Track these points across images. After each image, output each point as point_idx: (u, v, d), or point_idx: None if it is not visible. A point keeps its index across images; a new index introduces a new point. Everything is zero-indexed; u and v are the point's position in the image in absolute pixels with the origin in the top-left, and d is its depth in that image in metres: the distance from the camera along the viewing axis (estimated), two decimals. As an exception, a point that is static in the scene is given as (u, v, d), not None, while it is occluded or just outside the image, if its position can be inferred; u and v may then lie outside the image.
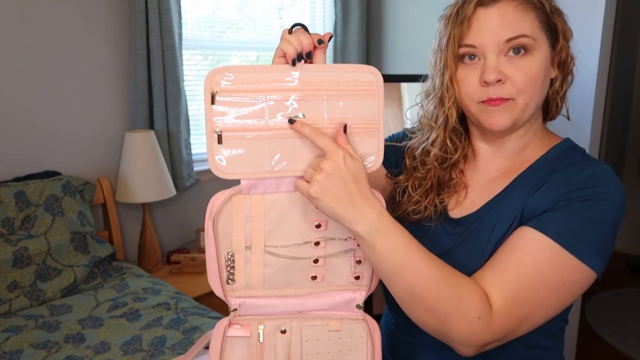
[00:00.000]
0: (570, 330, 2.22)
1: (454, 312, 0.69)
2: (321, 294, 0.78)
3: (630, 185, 3.79)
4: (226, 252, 0.74)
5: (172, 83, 2.16)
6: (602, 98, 2.05)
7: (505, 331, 0.71)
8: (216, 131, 0.69)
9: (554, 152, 0.84)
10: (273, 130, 0.70)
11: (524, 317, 0.72)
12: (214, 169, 0.70)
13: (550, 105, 0.86)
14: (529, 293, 0.71)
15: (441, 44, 0.83)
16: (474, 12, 0.79)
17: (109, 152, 2.18)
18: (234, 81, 0.69)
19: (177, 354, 1.40)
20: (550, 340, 0.85)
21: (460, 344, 0.71)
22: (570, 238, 0.72)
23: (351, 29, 2.76)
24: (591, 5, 1.92)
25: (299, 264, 0.76)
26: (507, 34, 0.77)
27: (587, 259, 0.72)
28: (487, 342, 0.71)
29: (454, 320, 0.69)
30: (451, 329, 0.70)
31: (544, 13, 0.79)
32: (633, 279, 3.45)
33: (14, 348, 1.42)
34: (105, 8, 2.08)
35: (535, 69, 0.78)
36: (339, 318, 0.79)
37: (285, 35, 0.70)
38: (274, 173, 0.71)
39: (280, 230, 0.74)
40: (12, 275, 1.68)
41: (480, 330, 0.70)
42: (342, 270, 0.78)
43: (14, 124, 1.95)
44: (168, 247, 2.39)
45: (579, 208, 0.74)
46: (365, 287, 0.80)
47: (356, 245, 0.77)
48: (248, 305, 0.77)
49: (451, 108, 0.84)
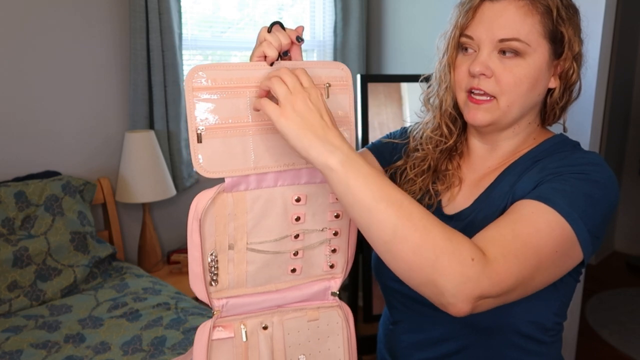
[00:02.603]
0: (570, 330, 2.22)
1: (445, 250, 0.62)
2: (299, 286, 0.80)
3: (630, 185, 3.79)
4: (209, 253, 0.73)
5: (172, 83, 2.16)
6: (602, 98, 2.05)
7: (502, 283, 0.64)
8: (197, 131, 0.68)
9: (545, 145, 0.85)
10: (254, 126, 0.71)
11: (522, 274, 0.66)
12: (198, 168, 0.70)
13: (547, 113, 0.86)
14: (526, 249, 0.67)
15: (447, 30, 0.85)
16: (480, 3, 0.80)
17: (109, 152, 2.18)
18: (214, 79, 0.69)
19: (177, 354, 1.41)
20: (546, 336, 0.85)
21: (452, 295, 0.62)
22: (561, 202, 0.70)
23: (351, 29, 2.76)
24: (591, 5, 1.92)
25: (280, 258, 0.77)
26: (501, 34, 0.78)
27: (577, 227, 0.70)
28: (483, 294, 0.63)
29: (446, 260, 0.62)
30: (442, 272, 0.62)
31: (550, 20, 0.78)
32: (633, 279, 3.45)
33: (14, 348, 1.42)
34: (105, 8, 2.08)
35: (522, 74, 0.78)
36: (316, 307, 0.81)
37: (266, 36, 0.71)
38: (258, 169, 0.71)
39: (262, 226, 0.75)
40: (12, 275, 1.68)
41: (475, 274, 0.62)
42: (318, 261, 0.80)
43: (14, 123, 1.95)
44: (168, 247, 2.40)
45: (569, 179, 0.73)
46: (339, 275, 0.82)
47: (332, 235, 0.79)
48: (230, 305, 0.77)
49: (446, 93, 0.87)
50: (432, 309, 0.85)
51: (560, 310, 0.84)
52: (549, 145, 0.85)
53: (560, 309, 0.84)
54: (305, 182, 0.75)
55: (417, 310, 0.88)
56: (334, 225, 0.79)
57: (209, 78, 0.69)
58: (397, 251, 0.63)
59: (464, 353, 0.85)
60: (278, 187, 0.74)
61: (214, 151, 0.69)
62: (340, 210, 0.78)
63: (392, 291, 0.92)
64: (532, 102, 0.82)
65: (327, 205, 0.77)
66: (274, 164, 0.72)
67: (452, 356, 0.86)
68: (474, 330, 0.83)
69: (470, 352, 0.85)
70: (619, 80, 3.50)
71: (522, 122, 0.85)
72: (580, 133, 2.03)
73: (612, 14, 1.99)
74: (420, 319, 0.89)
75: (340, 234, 0.79)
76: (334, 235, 0.79)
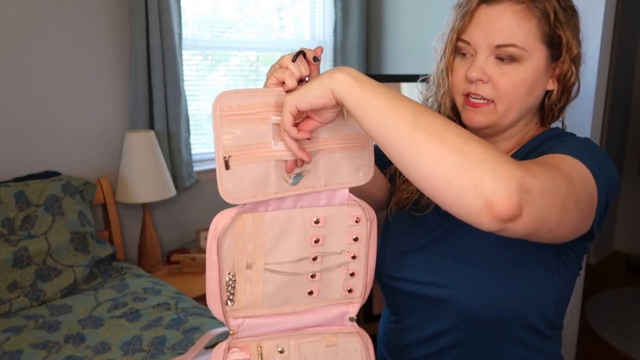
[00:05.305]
0: (570, 330, 2.22)
1: (469, 135, 0.57)
2: (317, 310, 0.79)
3: (630, 185, 3.79)
4: (227, 272, 0.73)
5: (172, 83, 2.16)
6: (602, 98, 2.05)
7: (543, 181, 0.58)
8: (225, 158, 0.68)
9: (540, 137, 0.86)
10: (276, 152, 0.70)
11: (559, 183, 0.61)
12: (224, 195, 0.69)
13: (546, 114, 0.87)
14: (561, 176, 0.63)
15: (444, 32, 0.85)
16: (477, 8, 0.80)
17: (109, 152, 2.18)
18: (239, 105, 0.69)
19: (177, 354, 1.40)
20: (547, 329, 0.85)
21: (494, 178, 0.54)
22: (579, 154, 0.70)
23: (351, 29, 2.76)
24: (591, 5, 1.92)
25: (297, 280, 0.77)
26: (498, 40, 0.78)
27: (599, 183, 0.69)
28: (526, 181, 0.56)
29: (474, 141, 0.56)
30: (474, 150, 0.55)
31: (547, 24, 0.78)
32: (633, 279, 3.45)
33: (14, 348, 1.42)
34: (105, 8, 2.08)
35: (520, 78, 0.78)
36: (334, 332, 0.80)
37: (289, 65, 0.69)
38: (279, 193, 0.71)
39: (280, 247, 0.75)
40: (12, 275, 1.68)
41: (511, 161, 0.56)
42: (336, 284, 0.79)
43: (15, 124, 1.95)
44: (168, 247, 2.40)
45: (575, 146, 0.73)
46: (357, 300, 0.81)
47: (350, 258, 0.78)
48: (247, 325, 0.76)
49: (444, 97, 0.86)
50: (432, 304, 0.85)
51: (560, 302, 0.84)
52: (544, 137, 0.85)
53: (561, 300, 0.84)
54: (324, 204, 0.75)
55: (417, 307, 0.88)
56: (352, 248, 0.78)
57: (233, 104, 0.68)
58: (420, 140, 0.57)
59: (463, 347, 0.85)
60: (297, 208, 0.74)
61: (238, 177, 0.69)
62: (359, 233, 0.77)
63: (391, 289, 0.92)
64: (530, 105, 0.83)
65: (345, 227, 0.77)
66: (294, 187, 0.72)
67: (451, 350, 0.86)
68: (474, 324, 0.83)
69: (469, 346, 0.85)
70: (619, 80, 3.50)
71: (520, 124, 0.86)
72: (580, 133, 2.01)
73: (611, 14, 1.99)
74: (420, 315, 0.89)
75: (359, 257, 0.79)
76: (352, 258, 0.78)
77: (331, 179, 0.73)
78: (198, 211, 2.48)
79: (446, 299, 0.83)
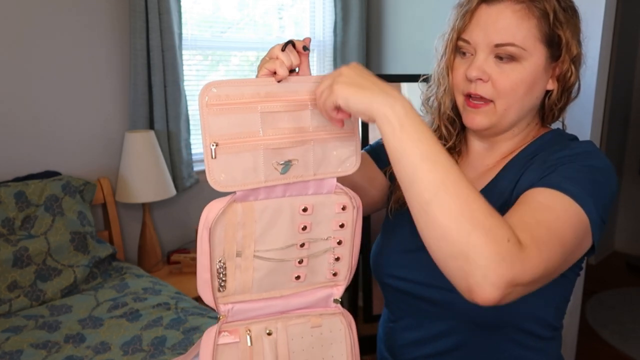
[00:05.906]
0: (570, 330, 2.22)
1: (483, 224, 0.60)
2: (303, 293, 0.81)
3: (630, 185, 3.79)
4: (218, 260, 0.75)
5: (172, 83, 2.16)
6: (602, 98, 2.05)
7: (534, 269, 0.62)
8: (211, 146, 0.69)
9: (542, 139, 0.86)
10: (265, 140, 0.72)
11: (550, 262, 0.65)
12: (213, 183, 0.70)
13: (546, 114, 0.87)
14: (551, 236, 0.66)
15: (445, 32, 0.85)
16: (477, 7, 0.80)
17: (109, 152, 2.18)
18: (227, 95, 0.70)
19: (177, 354, 1.41)
20: (547, 331, 0.85)
21: (483, 275, 0.59)
22: (573, 188, 0.71)
23: (351, 29, 2.76)
24: (591, 6, 1.92)
25: (285, 266, 0.78)
26: (497, 39, 0.78)
27: (590, 212, 0.70)
28: (514, 279, 0.60)
29: (482, 234, 0.59)
30: (476, 246, 0.59)
31: (547, 23, 0.78)
32: (633, 279, 3.46)
33: (14, 348, 1.42)
34: (105, 8, 2.08)
35: (519, 77, 0.78)
36: (318, 314, 0.82)
37: (279, 55, 0.70)
38: (268, 182, 0.72)
39: (269, 235, 0.76)
40: (12, 275, 1.68)
41: (510, 256, 0.59)
42: (322, 268, 0.81)
43: (14, 124, 1.95)
44: (168, 247, 2.40)
45: (574, 167, 0.74)
46: (342, 283, 0.83)
47: (336, 244, 0.80)
48: (236, 310, 0.78)
49: (445, 96, 0.87)
50: (431, 304, 0.85)
51: (561, 304, 0.85)
52: (546, 139, 0.86)
53: (561, 303, 0.84)
54: (312, 192, 0.76)
55: (415, 307, 0.88)
56: (339, 234, 0.80)
57: (221, 94, 0.69)
58: (435, 214, 0.61)
59: (463, 349, 0.85)
60: (286, 197, 0.75)
61: (227, 166, 0.70)
62: (345, 220, 0.79)
63: (390, 288, 0.92)
64: (530, 105, 0.83)
65: (332, 215, 0.78)
66: (283, 176, 0.73)
67: (451, 352, 0.86)
68: (473, 326, 0.83)
69: (469, 348, 0.85)
70: (619, 80, 3.50)
71: (521, 124, 0.86)
72: (580, 133, 2.01)
73: (611, 14, 1.99)
74: (419, 315, 0.89)
75: (344, 243, 0.80)
76: (337, 244, 0.80)
77: (320, 169, 0.74)
78: (198, 211, 2.45)
79: (445, 301, 0.83)
